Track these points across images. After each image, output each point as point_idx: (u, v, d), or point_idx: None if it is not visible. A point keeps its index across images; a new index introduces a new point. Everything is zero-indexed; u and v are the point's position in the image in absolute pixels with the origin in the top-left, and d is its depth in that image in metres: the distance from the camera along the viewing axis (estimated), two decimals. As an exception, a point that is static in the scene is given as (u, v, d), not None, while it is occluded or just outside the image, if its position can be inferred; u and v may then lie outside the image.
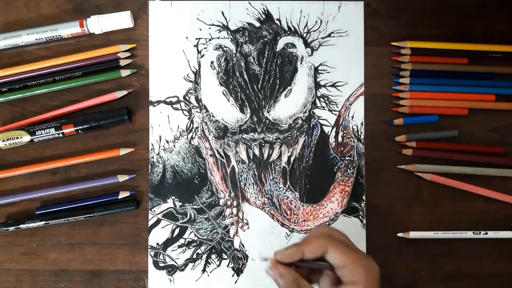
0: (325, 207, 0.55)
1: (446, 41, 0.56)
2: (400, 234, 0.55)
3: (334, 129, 0.56)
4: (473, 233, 0.54)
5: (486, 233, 0.54)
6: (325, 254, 0.41)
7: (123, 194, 0.54)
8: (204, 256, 0.55)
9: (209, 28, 0.56)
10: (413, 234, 0.54)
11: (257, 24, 0.56)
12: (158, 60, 0.56)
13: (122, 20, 0.55)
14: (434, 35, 0.56)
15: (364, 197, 0.56)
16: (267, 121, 0.56)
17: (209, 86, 0.56)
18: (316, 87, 0.56)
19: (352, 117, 0.56)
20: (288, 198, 0.55)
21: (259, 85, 0.56)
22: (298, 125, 0.56)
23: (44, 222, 0.53)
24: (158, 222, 0.55)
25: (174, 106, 0.56)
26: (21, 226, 0.53)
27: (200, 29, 0.56)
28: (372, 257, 0.43)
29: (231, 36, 0.56)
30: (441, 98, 0.56)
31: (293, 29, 0.56)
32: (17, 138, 0.53)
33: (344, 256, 0.40)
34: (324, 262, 0.41)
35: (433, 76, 0.56)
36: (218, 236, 0.55)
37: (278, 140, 0.56)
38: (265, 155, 0.56)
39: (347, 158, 0.56)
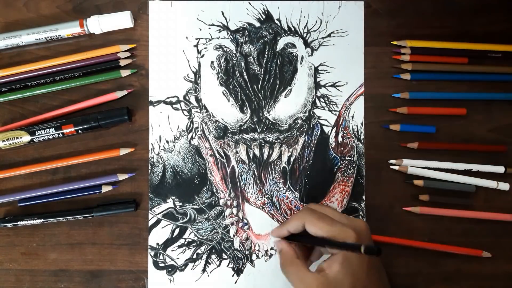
0: (325, 207, 0.55)
1: (446, 41, 0.56)
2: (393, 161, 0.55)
3: (334, 129, 0.56)
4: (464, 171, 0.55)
5: (477, 170, 0.55)
6: (305, 227, 0.44)
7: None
8: (204, 256, 0.55)
9: (209, 28, 0.56)
10: (406, 162, 0.55)
11: (257, 24, 0.56)
12: (158, 60, 0.56)
13: (122, 20, 0.55)
14: (434, 35, 0.56)
15: (364, 197, 0.56)
16: (267, 121, 0.56)
17: (209, 86, 0.56)
18: (316, 87, 0.56)
19: (352, 117, 0.56)
20: (288, 198, 0.55)
21: (259, 85, 0.56)
22: (298, 125, 0.56)
23: (42, 220, 0.53)
24: (158, 222, 0.55)
25: (174, 106, 0.56)
26: (19, 223, 0.53)
27: (200, 29, 0.56)
28: (359, 220, 0.45)
29: (231, 36, 0.56)
30: (440, 101, 0.56)
31: (293, 29, 0.56)
32: (17, 138, 0.53)
33: (317, 227, 0.43)
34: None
35: (433, 78, 0.56)
36: (218, 236, 0.55)
37: (278, 140, 0.56)
38: (265, 155, 0.56)
39: (347, 158, 0.56)
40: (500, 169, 0.55)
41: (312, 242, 0.46)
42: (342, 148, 0.56)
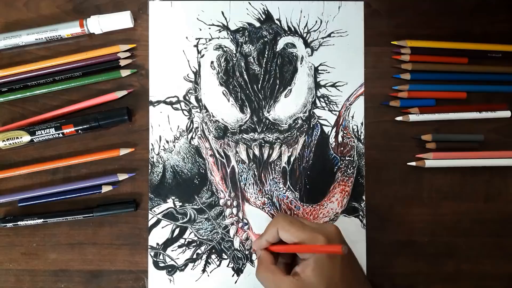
0: (325, 207, 0.55)
1: (446, 41, 0.56)
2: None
3: (334, 129, 0.56)
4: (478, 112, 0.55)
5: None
6: (279, 235, 0.45)
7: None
8: (204, 256, 0.55)
9: (209, 28, 0.56)
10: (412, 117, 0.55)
11: (257, 24, 0.56)
12: (158, 60, 0.56)
13: (122, 20, 0.55)
14: (434, 35, 0.56)
15: (364, 197, 0.56)
16: (267, 121, 0.56)
17: (209, 86, 0.56)
18: (316, 87, 0.56)
19: (352, 117, 0.56)
20: (288, 198, 0.55)
21: (259, 85, 0.56)
22: (298, 125, 0.56)
23: (42, 220, 0.53)
24: (158, 222, 0.55)
25: (174, 106, 0.56)
26: (19, 223, 0.53)
27: (200, 29, 0.56)
28: (330, 225, 0.46)
29: (231, 36, 0.56)
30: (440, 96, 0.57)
31: (293, 29, 0.56)
32: (17, 138, 0.53)
33: (289, 232, 0.44)
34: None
35: (433, 78, 0.56)
36: (218, 236, 0.55)
37: (278, 140, 0.56)
38: (265, 155, 0.56)
39: (347, 158, 0.56)
40: (507, 114, 0.56)
41: (286, 250, 0.46)
42: (342, 148, 0.56)
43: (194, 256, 0.55)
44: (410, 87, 0.55)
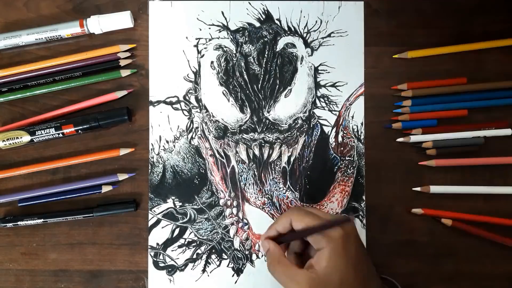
0: (325, 207, 0.55)
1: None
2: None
3: (334, 129, 0.56)
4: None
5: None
6: (292, 225, 0.45)
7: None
8: (204, 256, 0.55)
9: (209, 28, 0.56)
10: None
11: (257, 24, 0.56)
12: (158, 60, 0.56)
13: (122, 20, 0.55)
14: (434, 35, 0.57)
15: (364, 197, 0.56)
16: (267, 121, 0.56)
17: (209, 86, 0.56)
18: (316, 87, 0.56)
19: (352, 117, 0.56)
20: (288, 198, 0.55)
21: (259, 85, 0.56)
22: (298, 125, 0.56)
23: (42, 220, 0.53)
24: (158, 222, 0.55)
25: (174, 106, 0.56)
26: (19, 223, 0.53)
27: (200, 29, 0.56)
28: (344, 215, 0.45)
29: (231, 36, 0.56)
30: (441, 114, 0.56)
31: (293, 29, 0.56)
32: (17, 138, 0.53)
33: (303, 222, 0.43)
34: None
35: (434, 102, 0.56)
36: (218, 236, 0.55)
37: (278, 140, 0.56)
38: (265, 155, 0.56)
39: (347, 158, 0.56)
40: (507, 132, 0.55)
41: (297, 236, 0.46)
42: (342, 148, 0.56)
43: (194, 256, 0.55)
44: (413, 101, 0.55)
